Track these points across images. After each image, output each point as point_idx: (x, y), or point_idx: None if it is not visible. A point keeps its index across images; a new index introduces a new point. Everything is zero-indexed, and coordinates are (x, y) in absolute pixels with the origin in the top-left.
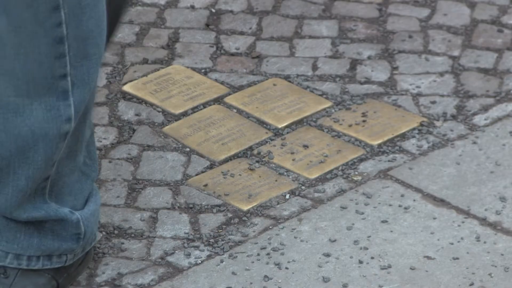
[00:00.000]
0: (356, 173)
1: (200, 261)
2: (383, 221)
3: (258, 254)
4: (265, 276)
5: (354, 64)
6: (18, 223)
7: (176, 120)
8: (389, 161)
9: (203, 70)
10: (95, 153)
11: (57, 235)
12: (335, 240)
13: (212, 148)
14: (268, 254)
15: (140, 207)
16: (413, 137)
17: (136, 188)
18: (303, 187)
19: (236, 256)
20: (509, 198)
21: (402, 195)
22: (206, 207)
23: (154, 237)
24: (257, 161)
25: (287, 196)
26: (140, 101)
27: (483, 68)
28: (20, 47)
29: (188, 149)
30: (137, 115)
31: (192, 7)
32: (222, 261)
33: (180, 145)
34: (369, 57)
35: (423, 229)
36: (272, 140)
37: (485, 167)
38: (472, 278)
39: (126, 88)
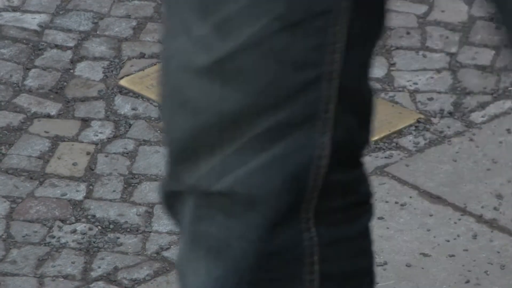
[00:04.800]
0: None
1: None
2: (379, 218)
3: None
4: None
5: None
6: None
7: None
8: (385, 157)
9: None
10: None
11: None
12: None
13: None
14: None
15: (136, 201)
16: (410, 133)
17: (132, 183)
18: None
19: None
20: (506, 196)
21: (399, 192)
22: None
23: (150, 232)
24: None
25: None
26: (137, 95)
27: (481, 65)
28: None
29: None
30: (133, 109)
31: None
32: None
33: None
34: None
35: (419, 226)
36: None
37: (482, 165)
38: (468, 276)
39: (123, 82)
